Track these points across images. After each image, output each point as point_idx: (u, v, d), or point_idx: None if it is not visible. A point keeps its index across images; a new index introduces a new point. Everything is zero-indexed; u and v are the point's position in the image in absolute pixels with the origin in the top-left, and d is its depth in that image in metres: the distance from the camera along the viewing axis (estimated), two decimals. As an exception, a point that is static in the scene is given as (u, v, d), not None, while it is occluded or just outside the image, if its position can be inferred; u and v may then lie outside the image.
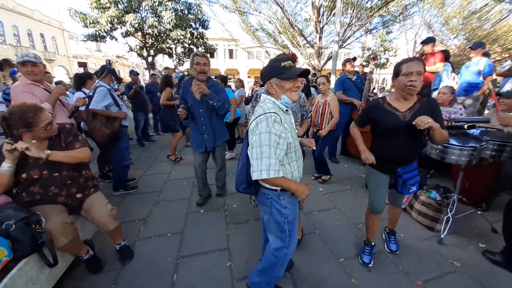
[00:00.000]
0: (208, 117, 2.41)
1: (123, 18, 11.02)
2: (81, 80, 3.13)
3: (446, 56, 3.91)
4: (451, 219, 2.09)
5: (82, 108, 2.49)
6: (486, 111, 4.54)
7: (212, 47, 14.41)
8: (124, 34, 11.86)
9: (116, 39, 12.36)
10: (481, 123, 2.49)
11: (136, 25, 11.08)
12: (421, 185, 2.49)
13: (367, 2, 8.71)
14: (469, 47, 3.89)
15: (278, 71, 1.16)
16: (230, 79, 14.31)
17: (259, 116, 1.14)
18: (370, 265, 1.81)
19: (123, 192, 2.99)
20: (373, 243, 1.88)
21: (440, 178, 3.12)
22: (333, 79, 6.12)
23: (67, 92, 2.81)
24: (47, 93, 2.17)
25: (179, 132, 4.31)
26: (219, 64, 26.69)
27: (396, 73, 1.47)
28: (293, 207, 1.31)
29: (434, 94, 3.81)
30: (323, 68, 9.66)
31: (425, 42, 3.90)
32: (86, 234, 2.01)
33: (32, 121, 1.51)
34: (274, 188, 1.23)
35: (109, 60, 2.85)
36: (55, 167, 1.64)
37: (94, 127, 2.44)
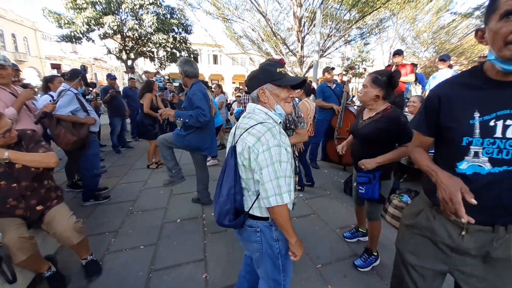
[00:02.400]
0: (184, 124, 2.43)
1: (101, 19, 10.62)
2: (46, 82, 2.94)
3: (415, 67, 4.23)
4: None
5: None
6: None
7: (195, 52, 14.30)
8: (102, 36, 11.41)
9: (93, 41, 11.86)
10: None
11: (115, 28, 10.72)
12: (394, 190, 2.59)
13: (345, 15, 9.15)
14: (439, 59, 4.23)
15: (274, 76, 0.99)
16: (213, 84, 14.25)
17: (251, 127, 0.94)
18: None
19: (93, 202, 2.81)
20: (361, 229, 2.20)
21: (412, 183, 3.27)
22: (314, 86, 6.31)
23: (35, 96, 2.63)
24: (13, 97, 2.04)
25: (155, 139, 4.07)
26: (203, 69, 26.52)
27: None
28: (285, 238, 1.04)
29: None
30: (305, 76, 9.93)
31: (396, 53, 4.18)
32: (48, 249, 1.86)
33: None
34: (265, 216, 1.01)
35: (84, 66, 2.72)
36: (14, 177, 1.50)
37: (58, 133, 2.28)
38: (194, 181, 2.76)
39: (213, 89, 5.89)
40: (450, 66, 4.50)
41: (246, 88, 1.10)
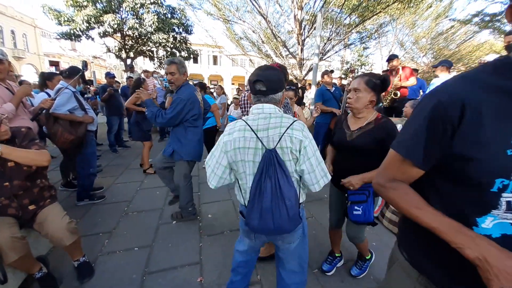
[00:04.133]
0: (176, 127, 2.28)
1: (101, 18, 10.59)
2: (43, 79, 2.90)
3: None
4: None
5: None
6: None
7: (195, 52, 14.30)
8: (101, 34, 11.37)
9: (92, 39, 11.82)
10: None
11: (115, 26, 10.70)
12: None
13: (345, 19, 9.20)
14: (434, 66, 4.20)
15: (285, 83, 1.19)
16: (214, 85, 14.24)
17: (292, 124, 1.01)
18: (329, 273, 1.83)
19: (88, 202, 2.76)
20: (336, 254, 1.90)
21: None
22: (313, 89, 6.32)
23: (32, 93, 2.60)
24: (8, 92, 2.00)
25: (148, 141, 3.90)
26: (203, 69, 26.53)
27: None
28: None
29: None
30: (305, 78, 9.95)
31: (391, 59, 4.15)
32: (40, 249, 1.83)
33: None
34: (302, 201, 1.14)
35: (85, 62, 2.69)
36: (6, 175, 1.47)
37: (55, 132, 2.24)
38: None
39: (212, 90, 5.87)
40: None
41: (265, 88, 1.04)
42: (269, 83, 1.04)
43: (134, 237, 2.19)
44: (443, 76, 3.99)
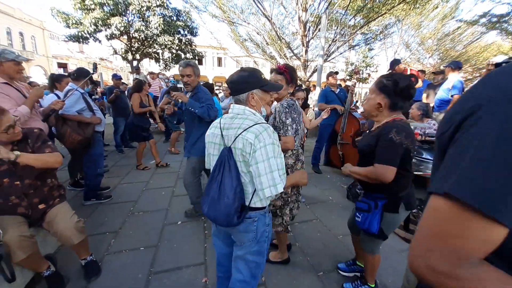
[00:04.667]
0: (189, 125, 2.40)
1: (108, 20, 10.78)
2: (52, 81, 2.97)
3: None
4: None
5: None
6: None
7: (200, 54, 14.41)
8: (108, 37, 11.57)
9: (99, 41, 12.02)
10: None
11: (122, 29, 10.87)
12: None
13: (350, 20, 9.18)
14: (446, 66, 4.11)
15: (262, 82, 1.12)
16: (219, 86, 14.31)
17: (251, 127, 1.02)
18: (343, 272, 1.82)
19: (95, 201, 2.80)
20: (358, 262, 1.85)
21: (416, 190, 3.22)
22: (318, 91, 6.30)
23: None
24: (19, 94, 2.05)
25: (143, 142, 3.96)
26: (207, 71, 26.71)
27: None
28: (270, 224, 1.23)
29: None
30: (309, 80, 9.94)
31: (392, 65, 4.14)
32: (48, 248, 1.86)
33: None
34: (261, 206, 1.12)
35: (96, 64, 2.75)
36: (17, 174, 1.51)
37: (64, 132, 2.29)
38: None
39: (217, 92, 5.90)
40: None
41: (230, 89, 1.16)
42: (232, 84, 1.14)
43: (140, 237, 2.21)
44: (452, 77, 3.89)
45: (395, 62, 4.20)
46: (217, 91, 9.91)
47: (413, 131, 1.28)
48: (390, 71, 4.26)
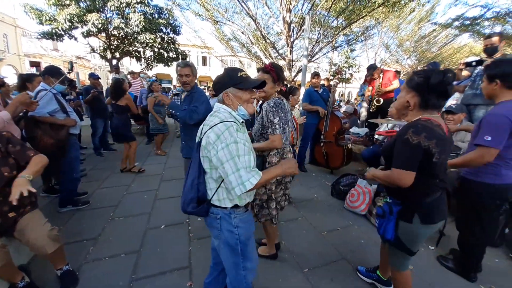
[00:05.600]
0: (183, 125, 2.39)
1: (84, 17, 10.23)
2: (23, 81, 2.78)
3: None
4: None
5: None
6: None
7: (184, 53, 14.10)
8: (85, 34, 10.99)
9: (75, 39, 11.40)
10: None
11: (100, 26, 10.35)
12: (379, 192, 2.65)
13: (333, 21, 9.40)
14: (424, 67, 4.40)
15: (236, 80, 1.10)
16: (204, 87, 14.08)
17: (215, 125, 1.03)
18: (360, 275, 1.81)
19: (71, 208, 2.66)
20: (378, 272, 1.73)
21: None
22: (302, 90, 6.40)
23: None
24: None
25: (134, 141, 3.87)
26: (192, 70, 26.25)
27: None
28: (246, 225, 1.18)
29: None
30: (294, 80, 10.07)
31: (370, 70, 4.34)
32: (22, 258, 1.75)
33: None
34: (224, 206, 1.12)
35: (72, 62, 2.60)
36: None
37: (35, 136, 2.14)
38: (180, 185, 2.68)
39: (206, 90, 5.81)
40: None
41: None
42: (213, 86, 1.19)
43: (121, 243, 2.13)
44: None
45: (371, 68, 4.38)
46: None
47: (442, 132, 1.12)
48: (368, 76, 4.43)
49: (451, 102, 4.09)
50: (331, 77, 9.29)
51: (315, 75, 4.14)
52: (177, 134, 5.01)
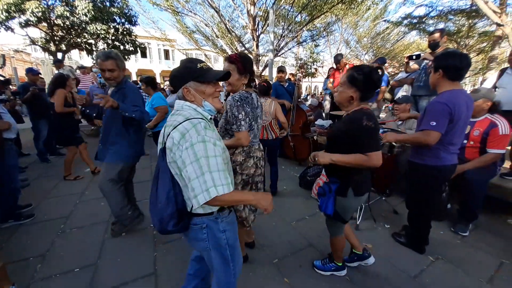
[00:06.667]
0: (106, 124, 2.02)
1: (22, 5, 8.79)
2: None
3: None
4: (363, 206, 2.44)
5: None
6: (382, 115, 5.63)
7: (143, 45, 13.10)
8: (23, 24, 9.47)
9: (12, 30, 9.76)
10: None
11: (40, 14, 9.01)
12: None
13: (296, 16, 9.60)
14: (374, 62, 4.74)
15: (195, 73, 0.96)
16: (165, 81, 13.29)
17: (180, 124, 0.91)
18: (350, 264, 1.83)
19: (13, 223, 2.33)
20: (354, 250, 1.82)
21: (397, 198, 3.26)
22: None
23: None
24: None
25: (74, 147, 3.46)
26: (153, 65, 24.59)
27: None
28: (233, 226, 1.11)
29: None
30: (262, 74, 10.10)
31: (337, 59, 4.56)
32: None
33: None
34: (209, 211, 1.00)
35: (4, 56, 2.19)
36: None
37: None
38: (144, 187, 2.51)
39: (163, 86, 5.47)
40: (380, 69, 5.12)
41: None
42: (170, 81, 1.05)
43: (74, 257, 1.91)
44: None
45: (338, 56, 4.59)
46: (163, 86, 9.21)
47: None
48: (336, 65, 4.64)
49: (401, 93, 4.52)
50: (296, 71, 9.54)
51: (280, 70, 4.22)
52: (148, 133, 4.59)
